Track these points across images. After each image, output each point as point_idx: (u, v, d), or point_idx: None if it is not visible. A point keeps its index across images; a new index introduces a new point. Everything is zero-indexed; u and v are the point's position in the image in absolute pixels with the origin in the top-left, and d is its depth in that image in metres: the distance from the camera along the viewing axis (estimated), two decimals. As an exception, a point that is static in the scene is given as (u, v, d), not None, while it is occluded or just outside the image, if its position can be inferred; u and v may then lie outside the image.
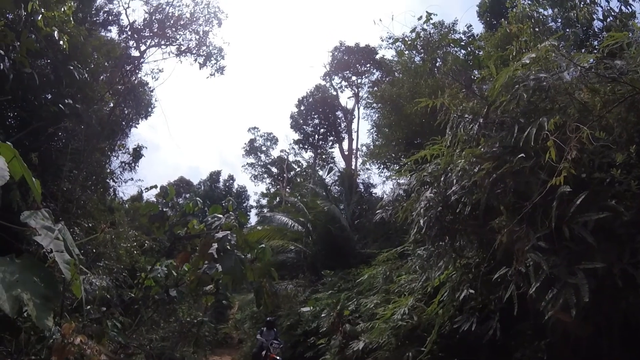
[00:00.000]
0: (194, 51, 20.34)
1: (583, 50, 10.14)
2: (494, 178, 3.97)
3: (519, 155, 3.85)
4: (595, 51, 5.14)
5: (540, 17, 10.84)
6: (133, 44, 18.53)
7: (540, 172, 3.77)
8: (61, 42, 6.71)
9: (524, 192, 3.87)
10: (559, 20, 11.80)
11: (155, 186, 11.58)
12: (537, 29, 9.51)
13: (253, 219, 38.95)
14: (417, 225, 4.92)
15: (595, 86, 4.13)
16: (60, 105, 7.24)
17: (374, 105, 20.98)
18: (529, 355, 4.70)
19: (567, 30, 11.16)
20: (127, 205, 20.37)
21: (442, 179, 4.82)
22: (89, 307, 5.92)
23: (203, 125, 75.05)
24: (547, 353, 4.47)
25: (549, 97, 4.30)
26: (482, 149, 4.26)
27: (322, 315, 10.78)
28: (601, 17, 10.60)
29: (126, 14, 18.58)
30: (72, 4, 6.91)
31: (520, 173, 3.88)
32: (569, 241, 3.59)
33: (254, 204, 45.63)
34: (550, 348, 4.48)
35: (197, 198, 11.43)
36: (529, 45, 7.76)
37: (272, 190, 42.42)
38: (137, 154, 18.41)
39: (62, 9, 6.82)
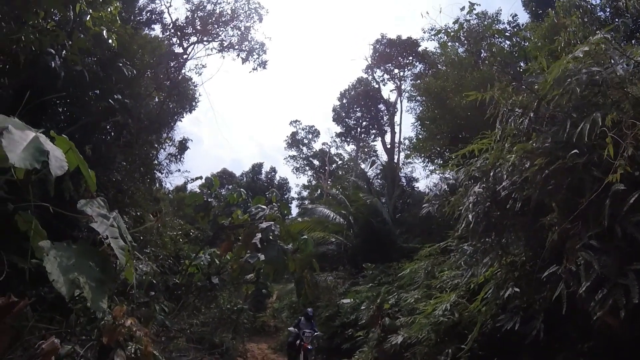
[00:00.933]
0: (236, 47, 20.73)
1: (634, 42, 9.62)
2: (546, 174, 3.88)
3: (572, 152, 3.75)
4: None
5: (588, 6, 10.33)
6: (176, 41, 19.14)
7: (594, 169, 3.68)
8: (110, 41, 7.02)
9: (577, 189, 3.79)
10: (608, 10, 11.19)
11: (201, 177, 12.01)
12: (585, 19, 9.08)
13: (294, 210, 39.42)
14: (465, 221, 4.85)
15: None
16: (109, 100, 7.57)
17: (418, 98, 20.67)
18: (571, 358, 4.57)
19: (616, 20, 10.56)
20: (171, 196, 21.11)
21: (491, 174, 4.73)
22: (133, 290, 6.22)
23: (245, 118, 76.28)
24: (590, 357, 4.36)
25: (601, 91, 4.17)
26: (534, 144, 4.16)
27: (362, 308, 10.81)
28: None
29: (168, 12, 19.27)
30: (118, 4, 7.18)
31: (573, 169, 3.79)
32: (621, 241, 3.49)
33: (295, 195, 46.20)
34: (593, 351, 4.35)
35: (242, 189, 11.72)
36: (578, 36, 7.41)
37: (314, 182, 42.73)
38: (182, 146, 19.02)
39: (109, 9, 7.11)
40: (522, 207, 4.25)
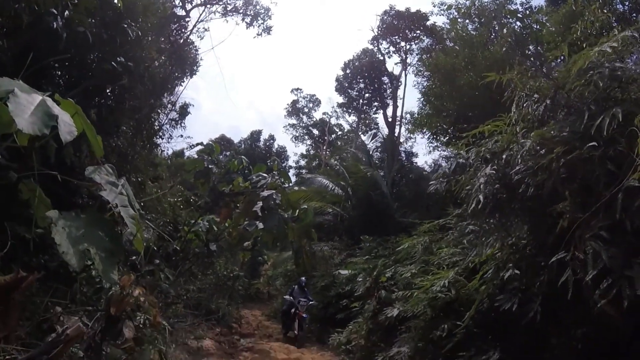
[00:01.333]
0: (241, 11, 20.23)
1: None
2: (562, 163, 3.87)
3: (590, 144, 3.79)
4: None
5: (608, -3, 10.03)
6: (179, 3, 18.62)
7: (608, 163, 3.73)
8: (115, 1, 6.78)
9: (590, 180, 3.83)
10: (627, 3, 10.89)
11: (201, 143, 11.87)
12: (605, 10, 8.85)
13: (292, 179, 39.39)
14: (475, 200, 4.85)
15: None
16: (112, 63, 7.37)
17: (425, 73, 20.36)
18: (564, 343, 4.69)
19: (634, 14, 10.30)
20: (169, 161, 21.03)
21: (503, 156, 4.71)
22: (139, 259, 6.24)
23: (246, 84, 75.23)
24: (583, 342, 4.46)
25: (621, 87, 4.18)
26: (552, 132, 4.14)
27: (358, 279, 10.92)
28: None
29: (171, -28, 18.57)
30: (122, -38, 6.91)
31: (589, 161, 3.82)
32: (630, 234, 3.56)
33: (293, 164, 46.11)
34: (586, 337, 4.46)
35: (243, 157, 11.63)
36: (595, 27, 7.25)
37: (312, 152, 42.61)
38: (183, 111, 18.82)
39: (113, -32, 6.86)
40: (534, 192, 4.25)
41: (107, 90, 8.15)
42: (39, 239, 3.95)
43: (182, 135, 22.12)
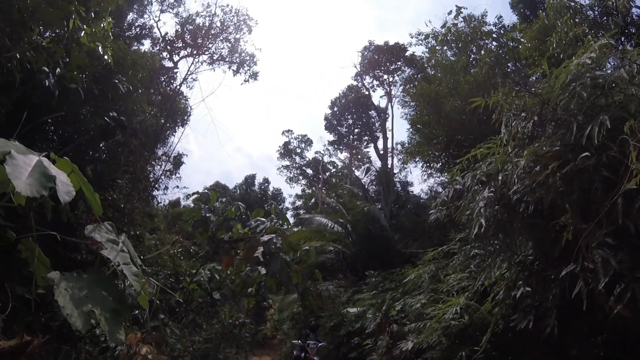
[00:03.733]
0: (227, 59, 20.74)
1: (623, 39, 9.77)
2: (558, 177, 3.92)
3: (583, 154, 3.85)
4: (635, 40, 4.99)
5: (578, 6, 10.44)
6: (166, 55, 19.11)
7: (603, 170, 3.79)
8: (105, 57, 6.93)
9: (588, 190, 3.88)
10: (597, 9, 11.33)
11: (197, 192, 11.87)
12: (576, 20, 9.19)
13: (290, 221, 39.16)
14: (477, 225, 4.85)
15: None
16: (105, 118, 7.46)
17: (410, 103, 20.74)
18: (586, 352, 4.64)
19: (605, 19, 10.70)
20: (166, 212, 20.95)
21: (499, 177, 4.77)
22: (145, 316, 6.08)
23: (235, 130, 76.06)
24: (604, 349, 4.42)
25: (604, 94, 4.29)
26: (544, 148, 4.21)
27: (368, 315, 10.73)
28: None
29: (157, 27, 19.30)
30: (110, 19, 7.10)
31: (584, 171, 3.89)
32: (635, 237, 3.57)
33: (290, 205, 46.08)
34: (607, 344, 4.42)
35: (240, 203, 11.62)
36: (569, 36, 7.52)
37: (308, 191, 42.67)
38: (177, 161, 18.93)
39: (102, 25, 7.03)
40: (535, 209, 4.27)
41: (101, 145, 8.21)
42: (39, 299, 3.87)
43: (177, 186, 22.11)
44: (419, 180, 27.83)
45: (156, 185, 14.75)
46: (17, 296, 3.71)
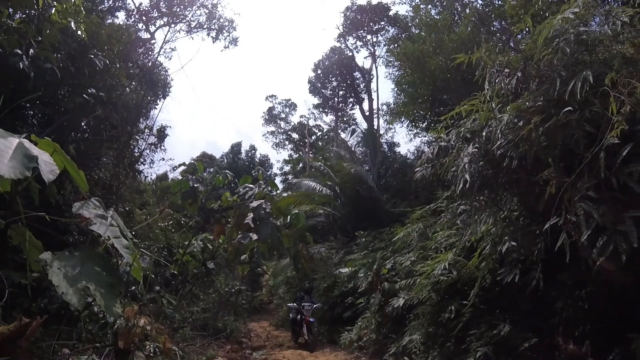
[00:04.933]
0: (205, 26, 20.11)
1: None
2: (541, 131, 3.94)
3: (566, 109, 3.86)
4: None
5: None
6: (142, 27, 18.47)
7: (586, 125, 3.82)
8: (79, 32, 6.70)
9: (571, 144, 3.91)
10: None
11: (184, 164, 11.80)
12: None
13: (278, 186, 39.26)
14: (462, 180, 4.92)
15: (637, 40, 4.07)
16: (84, 95, 7.28)
17: (395, 63, 20.50)
18: (570, 305, 4.81)
19: None
20: (154, 186, 20.81)
21: (483, 133, 4.80)
22: (139, 289, 6.16)
23: (218, 99, 74.86)
24: (588, 302, 4.58)
25: (588, 49, 4.27)
26: (527, 103, 4.22)
27: (360, 275, 10.96)
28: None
29: (131, -3, 18.46)
30: (82, -6, 6.83)
31: (567, 126, 3.91)
32: (617, 191, 3.65)
33: (278, 171, 46.04)
34: (591, 297, 4.58)
35: (227, 171, 11.58)
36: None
37: (295, 156, 42.60)
38: (161, 134, 18.61)
39: (73, 0, 6.76)
40: (519, 164, 4.33)
41: (83, 124, 8.05)
42: (35, 283, 3.89)
43: (163, 159, 21.83)
44: (405, 140, 28.00)
45: (141, 159, 14.56)
46: (14, 283, 3.73)
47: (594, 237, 3.64)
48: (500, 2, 13.33)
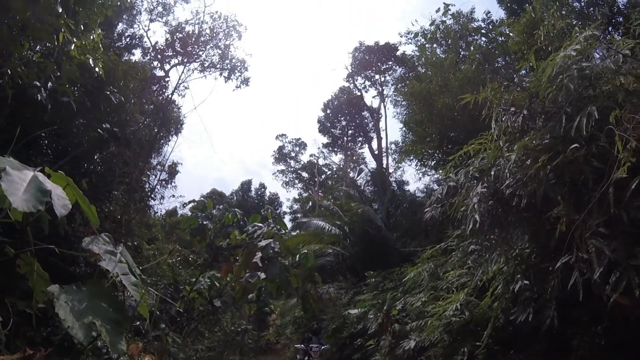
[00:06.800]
0: (218, 65, 20.68)
1: (611, 29, 9.87)
2: (550, 169, 3.95)
3: (573, 145, 3.88)
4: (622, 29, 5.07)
5: (564, -2, 10.52)
6: (157, 64, 19.08)
7: (593, 160, 3.83)
8: (96, 69, 6.94)
9: (579, 181, 3.92)
10: (583, 0, 11.41)
11: (194, 200, 11.87)
12: (563, 12, 9.27)
13: (287, 225, 39.11)
14: (471, 220, 4.89)
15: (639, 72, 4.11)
16: (98, 130, 7.46)
17: (402, 102, 20.81)
18: (586, 341, 4.69)
19: (591, 9, 10.79)
20: (164, 221, 20.89)
21: (491, 172, 4.81)
22: (145, 326, 6.08)
23: (228, 136, 76.04)
24: (605, 337, 4.48)
25: (591, 84, 4.32)
26: (534, 141, 4.26)
27: (370, 316, 10.75)
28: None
29: (147, 36, 19.26)
30: (100, 31, 7.10)
31: (574, 162, 3.93)
32: (627, 225, 3.62)
33: (287, 210, 46.02)
34: (607, 332, 4.47)
35: (236, 209, 11.61)
36: (557, 29, 7.61)
37: (305, 195, 42.65)
38: (172, 170, 18.88)
39: (92, 37, 7.04)
40: (528, 202, 4.32)
41: (96, 157, 8.20)
42: (40, 313, 3.87)
43: (174, 195, 22.07)
44: (414, 178, 28.01)
45: (152, 195, 14.71)
46: (18, 311, 3.72)
47: (607, 273, 3.59)
48: (502, 39, 13.63)
